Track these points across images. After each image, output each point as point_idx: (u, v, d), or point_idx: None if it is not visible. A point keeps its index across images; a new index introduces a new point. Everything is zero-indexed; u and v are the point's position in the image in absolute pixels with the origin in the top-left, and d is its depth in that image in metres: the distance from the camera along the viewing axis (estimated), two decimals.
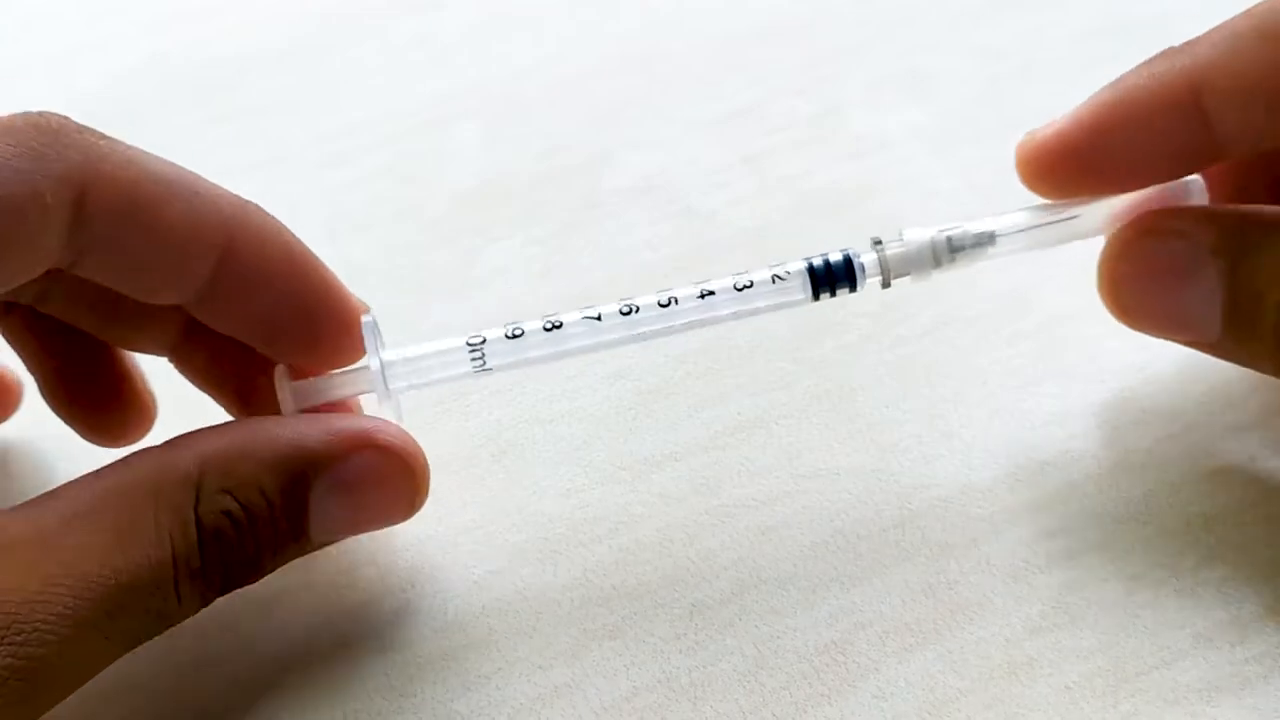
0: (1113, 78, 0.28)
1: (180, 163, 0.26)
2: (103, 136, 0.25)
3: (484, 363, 0.27)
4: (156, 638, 0.24)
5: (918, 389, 0.32)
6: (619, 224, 0.38)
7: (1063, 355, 0.32)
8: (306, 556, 0.29)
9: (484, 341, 0.27)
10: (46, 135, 0.24)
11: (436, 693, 0.27)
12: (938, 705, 0.26)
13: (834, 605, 0.28)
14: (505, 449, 0.32)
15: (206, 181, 0.26)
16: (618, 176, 0.39)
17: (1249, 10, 0.26)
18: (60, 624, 0.21)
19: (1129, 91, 0.26)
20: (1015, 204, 0.29)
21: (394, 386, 0.27)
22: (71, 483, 0.24)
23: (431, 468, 0.29)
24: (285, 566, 0.26)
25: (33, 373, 0.30)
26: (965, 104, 0.40)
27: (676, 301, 0.28)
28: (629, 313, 0.28)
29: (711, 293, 0.28)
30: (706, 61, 0.44)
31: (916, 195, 0.37)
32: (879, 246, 0.28)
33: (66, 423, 0.30)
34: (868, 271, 0.28)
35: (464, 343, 0.27)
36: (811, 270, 0.28)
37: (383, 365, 0.27)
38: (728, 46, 0.44)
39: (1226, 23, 0.26)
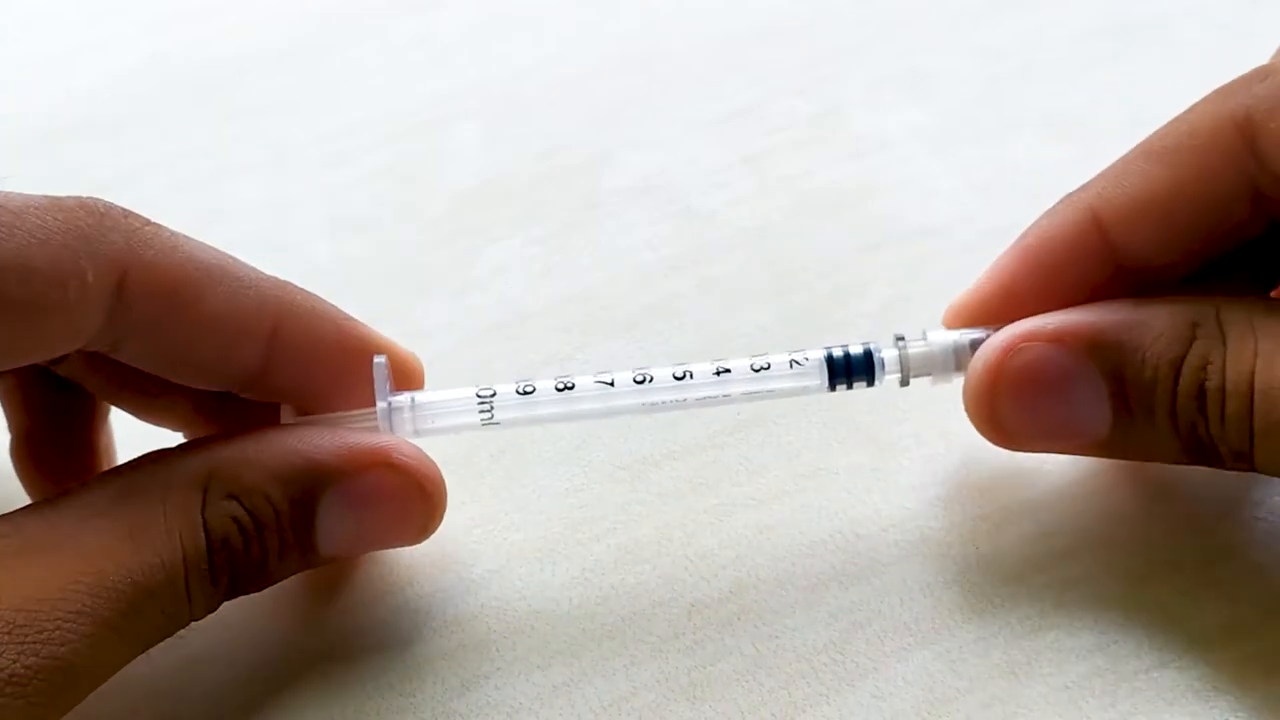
0: (1113, 78, 0.28)
1: (180, 163, 0.26)
2: (147, 222, 0.25)
3: (492, 416, 0.27)
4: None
5: (917, 388, 0.32)
6: (619, 224, 0.38)
7: None
8: None
9: (494, 395, 0.27)
10: (93, 216, 0.24)
11: (435, 692, 0.27)
12: (936, 704, 0.26)
13: (832, 604, 0.28)
14: (504, 448, 0.32)
15: (249, 266, 0.26)
16: (618, 176, 0.39)
17: (1143, 140, 0.27)
18: (80, 623, 0.21)
19: (1039, 235, 0.28)
20: (1015, 204, 0.29)
21: (400, 431, 0.27)
22: (84, 484, 0.24)
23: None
24: None
25: (10, 422, 0.30)
26: (965, 104, 0.41)
27: (691, 376, 0.28)
28: (642, 381, 0.28)
29: (727, 370, 0.28)
30: (706, 61, 0.44)
31: (916, 195, 0.37)
32: (901, 344, 0.29)
33: (21, 477, 0.30)
34: (888, 368, 0.28)
35: (474, 394, 0.27)
36: (830, 360, 0.28)
37: (390, 408, 0.27)
38: (728, 46, 0.44)
39: (1120, 157, 0.27)
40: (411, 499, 0.26)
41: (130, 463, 0.25)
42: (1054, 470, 0.29)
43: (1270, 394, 0.23)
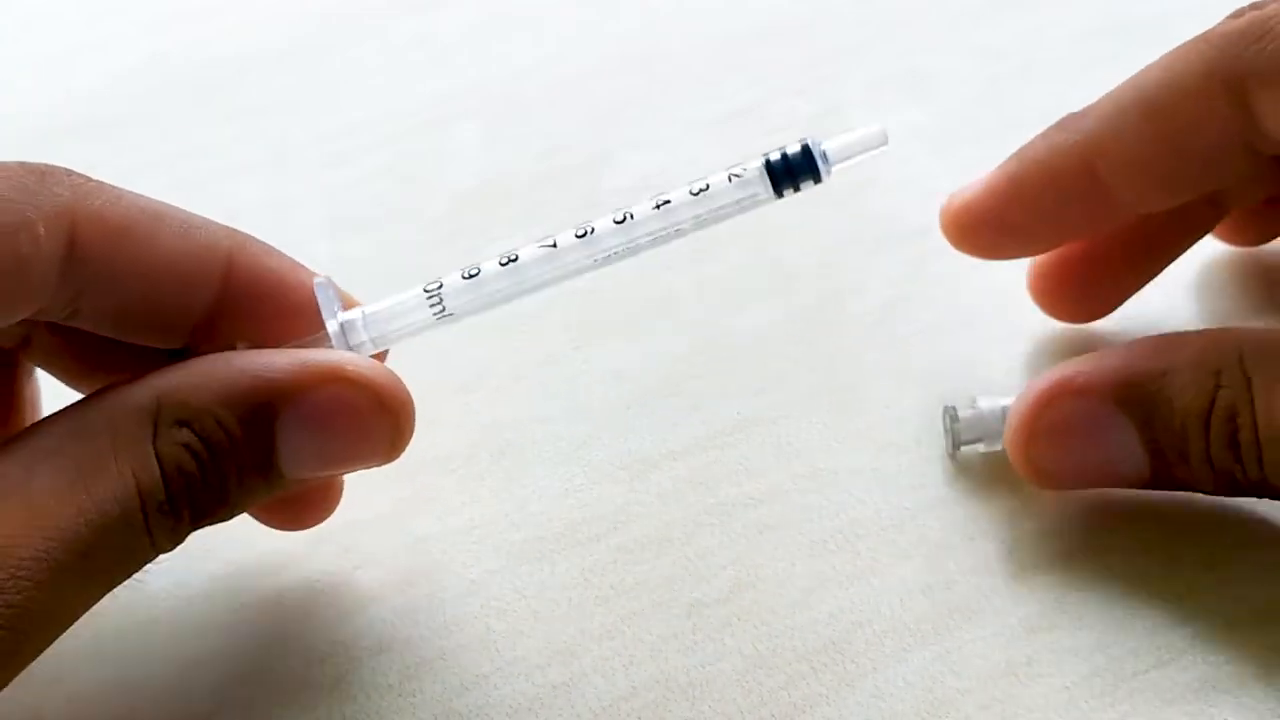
0: (1113, 78, 0.28)
1: (180, 163, 0.26)
2: (90, 178, 0.25)
3: (443, 308, 0.26)
4: (157, 639, 0.24)
5: (915, 388, 0.32)
6: None
7: (1061, 353, 0.32)
8: (304, 555, 0.29)
9: (440, 286, 0.27)
10: (35, 174, 0.24)
11: (435, 692, 0.27)
12: (936, 705, 0.26)
13: (832, 604, 0.28)
14: (504, 448, 0.32)
15: (199, 216, 0.26)
16: (618, 176, 0.39)
17: (1135, 80, 0.28)
18: (36, 569, 0.21)
19: (1029, 163, 0.29)
20: None
21: (356, 344, 0.26)
22: (30, 427, 0.24)
23: (429, 467, 0.29)
24: (285, 565, 0.26)
25: None
26: (965, 104, 0.40)
27: (632, 216, 0.27)
28: (584, 235, 0.27)
29: (667, 201, 0.27)
30: (706, 61, 0.44)
31: (916, 195, 0.37)
32: (951, 414, 0.29)
33: None
34: (831, 159, 0.28)
35: (420, 289, 0.27)
36: (769, 166, 0.27)
37: (342, 327, 0.26)
38: (728, 46, 0.44)
39: (1115, 93, 0.28)
40: (372, 412, 0.25)
41: (77, 402, 0.24)
42: None
43: None
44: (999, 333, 0.33)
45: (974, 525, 0.29)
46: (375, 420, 0.25)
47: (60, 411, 0.24)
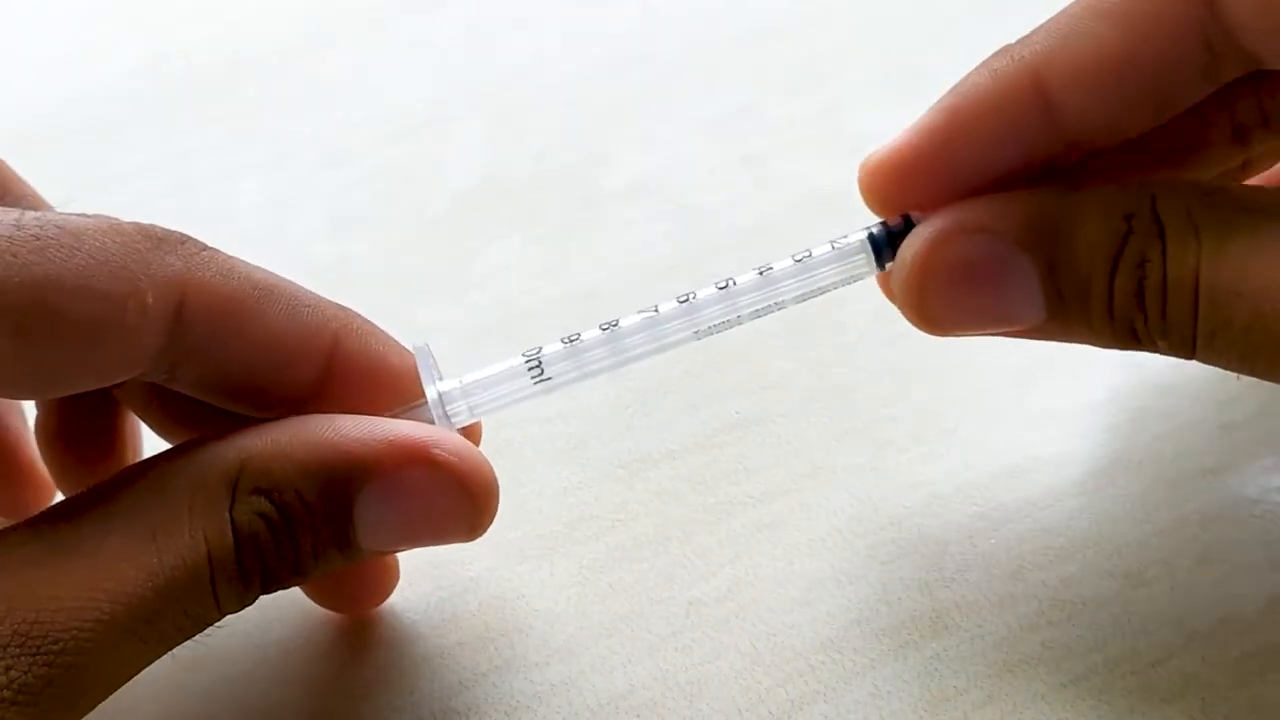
0: None
1: (180, 163, 0.26)
2: (205, 246, 0.24)
3: (543, 372, 0.26)
4: None
5: (915, 387, 0.32)
6: (618, 224, 0.38)
7: (1059, 353, 0.32)
8: None
9: (540, 350, 0.26)
10: (150, 240, 0.23)
11: (434, 690, 0.27)
12: (934, 703, 0.26)
13: (830, 603, 0.28)
14: (502, 447, 0.32)
15: (306, 289, 0.26)
16: (616, 176, 0.39)
17: None
18: (96, 631, 0.21)
19: (971, 92, 0.26)
20: None
21: (456, 416, 0.26)
22: (107, 481, 0.23)
23: None
24: None
25: (38, 409, 0.30)
26: None
27: (735, 283, 0.26)
28: (686, 300, 0.26)
29: (770, 269, 0.26)
30: (705, 62, 0.44)
31: None
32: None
33: (48, 464, 0.29)
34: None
35: (520, 357, 0.26)
36: (872, 239, 0.26)
37: (440, 395, 0.26)
38: (726, 46, 0.44)
39: (1062, 10, 0.25)
40: (456, 496, 0.24)
41: (158, 456, 0.24)
42: (1053, 470, 0.30)
43: (1215, 295, 0.23)
44: None
45: (973, 524, 0.29)
46: (457, 504, 0.25)
47: (145, 463, 0.24)
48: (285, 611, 0.29)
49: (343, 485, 0.24)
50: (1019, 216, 0.25)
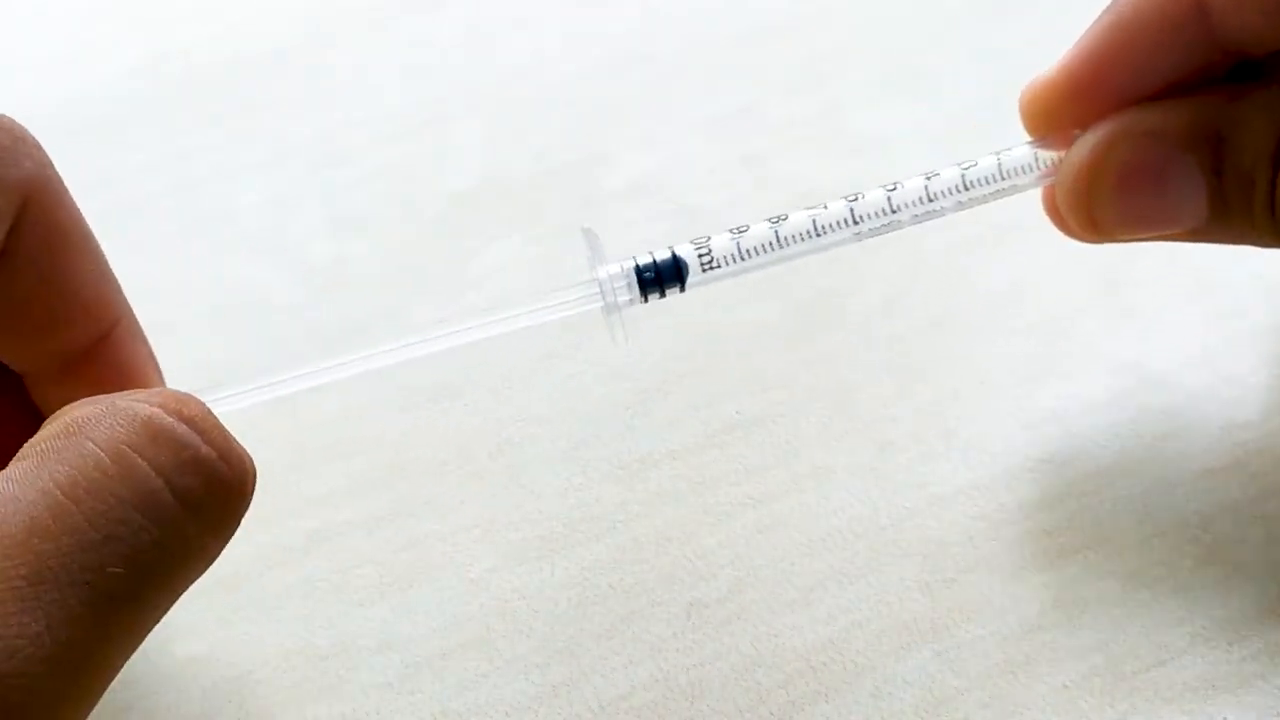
0: None
1: (180, 163, 0.26)
2: (52, 164, 0.24)
3: (712, 258, 0.26)
4: (154, 639, 0.23)
5: (915, 387, 0.32)
6: (618, 223, 0.38)
7: (1060, 353, 0.32)
8: (304, 554, 0.29)
9: (709, 239, 0.27)
10: (9, 138, 0.23)
11: (435, 691, 0.27)
12: (935, 704, 0.26)
13: (831, 603, 0.28)
14: (503, 447, 0.32)
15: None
16: (616, 176, 0.39)
17: None
18: (31, 657, 0.18)
19: (1129, 8, 0.27)
20: (1013, 202, 0.29)
21: (621, 291, 0.26)
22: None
23: (430, 467, 0.29)
24: (284, 563, 0.26)
25: None
26: (965, 104, 0.40)
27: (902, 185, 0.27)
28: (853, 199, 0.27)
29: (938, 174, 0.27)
30: (705, 61, 0.44)
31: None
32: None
33: None
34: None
35: (689, 242, 0.26)
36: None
37: (609, 275, 0.26)
38: (726, 46, 0.44)
39: None
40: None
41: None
42: (1054, 471, 0.30)
43: None
44: (998, 332, 0.33)
45: (974, 525, 0.29)
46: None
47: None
48: (286, 612, 0.29)
49: None
50: (1183, 120, 0.26)
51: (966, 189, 0.27)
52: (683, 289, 0.27)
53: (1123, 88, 0.27)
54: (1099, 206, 0.27)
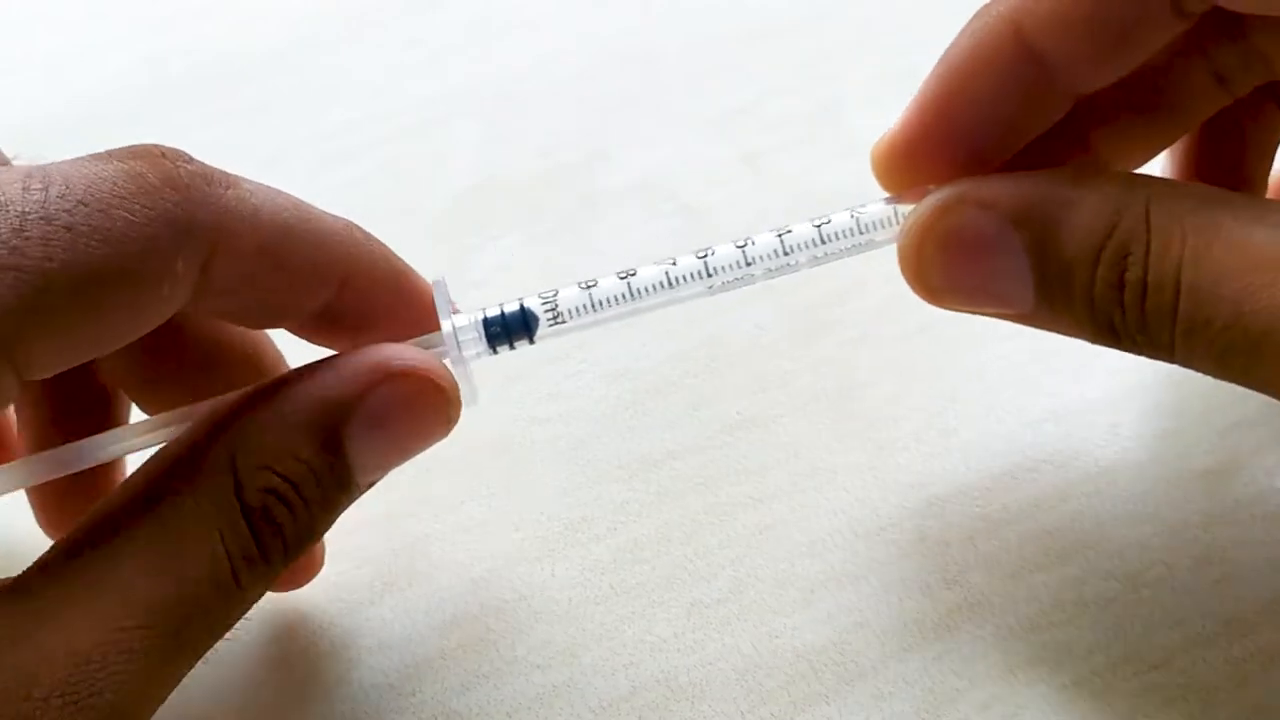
0: None
1: None
2: (229, 183, 0.24)
3: (556, 313, 0.26)
4: None
5: (916, 387, 0.32)
6: (617, 222, 0.38)
7: (1060, 353, 0.32)
8: None
9: (556, 294, 0.26)
10: (179, 192, 0.23)
11: (435, 692, 0.27)
12: (936, 704, 0.26)
13: (832, 604, 0.28)
14: (504, 448, 0.32)
15: (319, 214, 0.26)
16: (616, 175, 0.39)
17: None
18: (131, 663, 0.21)
19: (957, 56, 0.26)
20: None
21: (467, 348, 0.26)
22: (97, 508, 0.23)
23: (430, 467, 0.29)
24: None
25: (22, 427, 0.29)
26: None
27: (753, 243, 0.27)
28: (703, 257, 0.27)
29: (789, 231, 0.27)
30: (704, 60, 0.44)
31: None
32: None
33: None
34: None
35: (537, 296, 0.26)
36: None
37: (455, 329, 0.26)
38: (726, 45, 0.44)
39: None
40: (425, 399, 0.25)
41: (137, 472, 0.24)
42: (1054, 471, 0.30)
43: (1197, 294, 0.23)
44: (998, 332, 0.33)
45: (974, 525, 0.29)
46: (430, 405, 0.25)
47: (134, 479, 0.23)
48: (286, 613, 0.29)
49: (334, 430, 0.24)
50: (1018, 195, 0.25)
51: (823, 242, 0.27)
52: (531, 341, 0.27)
53: (967, 137, 0.26)
54: (927, 272, 0.26)
